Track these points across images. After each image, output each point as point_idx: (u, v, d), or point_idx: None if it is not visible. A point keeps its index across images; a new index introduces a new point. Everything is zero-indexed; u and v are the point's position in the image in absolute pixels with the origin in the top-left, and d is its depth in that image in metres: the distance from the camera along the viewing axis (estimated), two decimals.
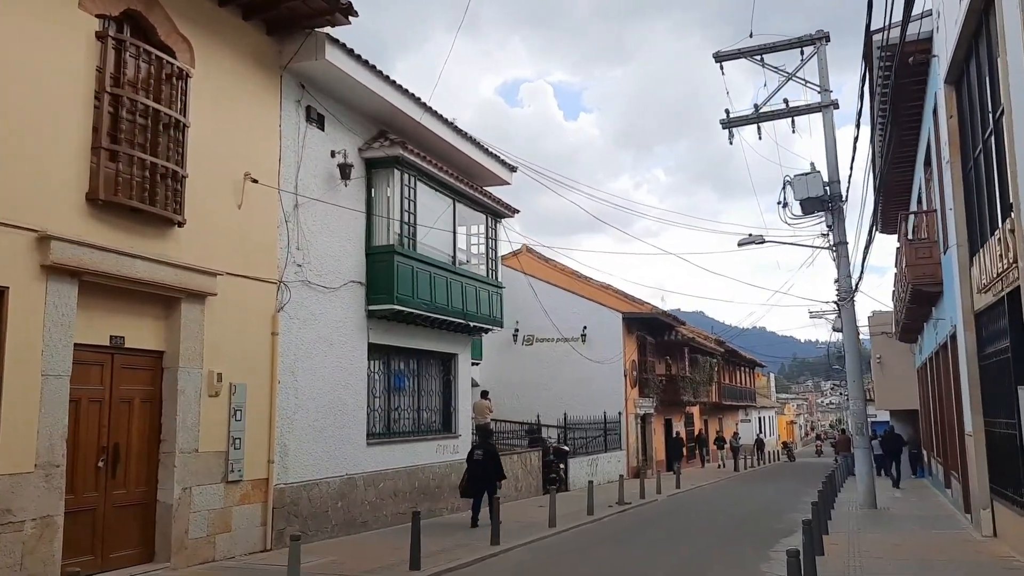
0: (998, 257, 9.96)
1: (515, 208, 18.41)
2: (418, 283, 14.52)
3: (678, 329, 33.36)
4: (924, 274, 15.66)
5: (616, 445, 28.35)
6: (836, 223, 17.94)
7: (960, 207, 12.62)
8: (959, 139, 12.64)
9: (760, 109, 19.01)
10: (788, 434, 76.18)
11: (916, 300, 16.69)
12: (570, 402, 28.30)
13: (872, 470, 17.31)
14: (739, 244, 18.78)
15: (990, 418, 11.86)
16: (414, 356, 15.85)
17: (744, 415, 53.79)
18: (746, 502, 20.55)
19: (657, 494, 21.83)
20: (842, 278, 17.68)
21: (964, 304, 12.49)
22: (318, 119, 12.97)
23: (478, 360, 29.44)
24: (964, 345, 12.66)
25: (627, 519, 16.50)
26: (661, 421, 33.55)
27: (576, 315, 29.86)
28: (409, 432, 15.44)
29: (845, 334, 17.65)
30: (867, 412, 18.49)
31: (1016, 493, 10.55)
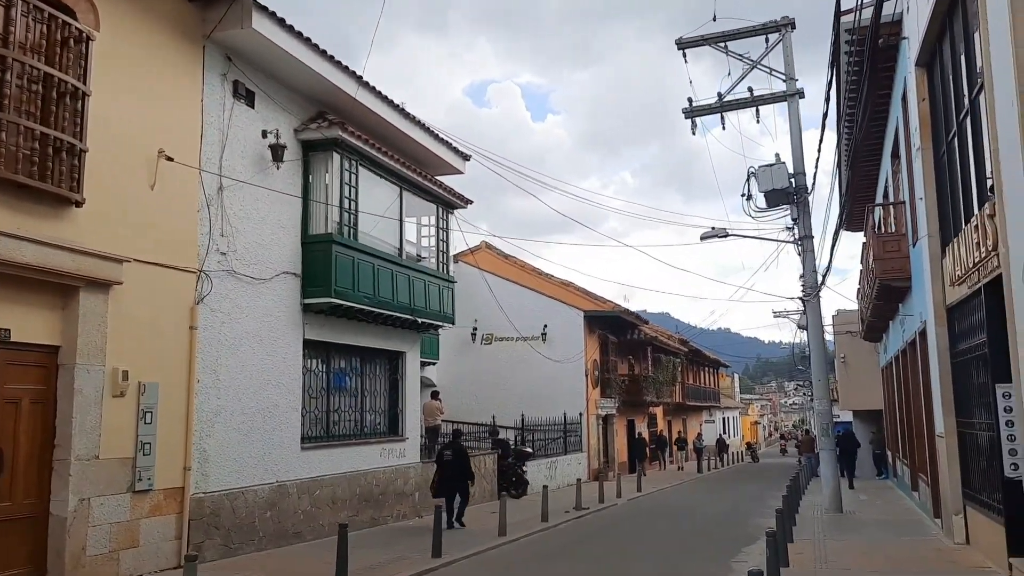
0: (974, 246, 9.26)
1: (468, 198, 17.49)
2: (359, 275, 13.53)
3: (641, 328, 32.66)
4: (892, 268, 15.02)
5: (577, 447, 27.54)
6: (801, 216, 17.28)
7: (931, 196, 11.95)
8: (931, 124, 11.98)
9: (724, 98, 18.29)
10: (752, 435, 76.13)
11: (883, 296, 16.07)
12: (530, 402, 27.45)
13: (837, 471, 16.66)
14: (702, 238, 18.05)
15: (963, 418, 11.19)
16: (357, 354, 14.85)
17: (708, 416, 53.41)
18: (708, 506, 19.83)
19: (617, 498, 21.05)
20: (807, 273, 17.01)
21: (935, 298, 11.82)
22: (247, 95, 11.93)
23: (434, 360, 28.52)
24: (935, 341, 11.99)
25: (583, 526, 15.65)
26: (624, 422, 32.83)
27: (536, 313, 29.03)
28: (351, 435, 14.43)
29: (810, 331, 16.98)
30: (832, 412, 17.84)
31: (991, 498, 9.86)
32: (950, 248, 10.81)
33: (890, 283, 15.16)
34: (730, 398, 65.83)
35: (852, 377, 30.59)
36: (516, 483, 20.74)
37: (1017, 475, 8.90)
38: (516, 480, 20.81)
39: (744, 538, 13.47)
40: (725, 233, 17.96)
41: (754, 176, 17.40)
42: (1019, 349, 7.69)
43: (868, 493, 21.82)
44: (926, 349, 13.57)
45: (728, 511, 18.47)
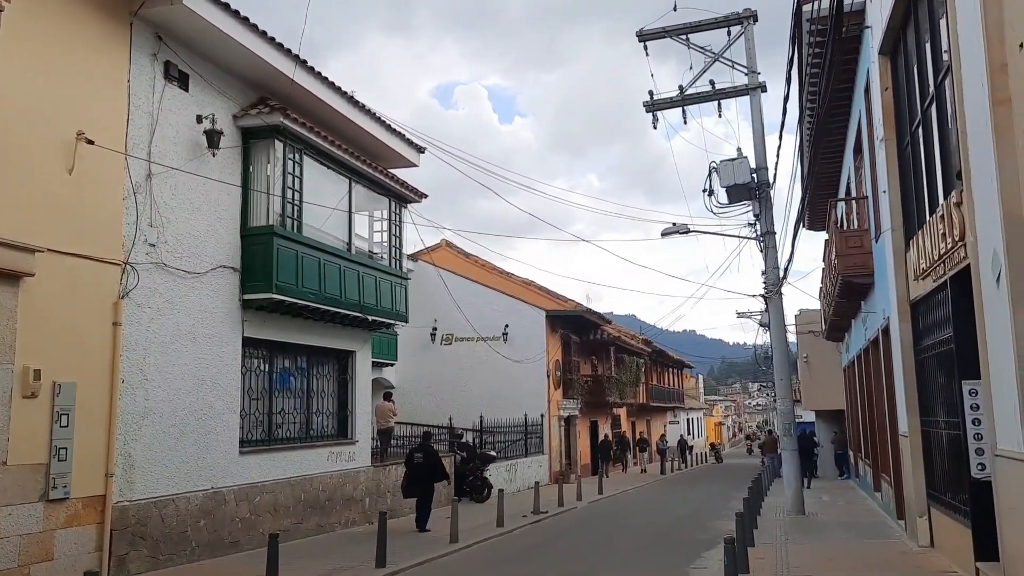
0: (939, 237, 8.89)
1: (422, 192, 16.86)
2: (303, 270, 12.86)
3: (604, 328, 32.26)
4: (855, 264, 14.71)
5: (538, 449, 27.02)
6: (763, 212, 16.94)
7: (895, 188, 11.61)
8: (894, 114, 11.64)
9: (685, 91, 17.90)
10: (716, 435, 76.31)
11: (846, 293, 15.77)
12: (491, 404, 26.89)
13: (800, 472, 16.33)
14: (663, 234, 17.64)
15: (927, 417, 10.85)
16: (303, 353, 14.16)
17: (672, 416, 53.23)
18: (669, 509, 19.42)
19: (577, 501, 20.57)
20: (769, 269, 16.67)
21: (899, 293, 11.48)
22: (180, 78, 11.21)
23: (392, 360, 27.84)
24: (898, 338, 11.65)
25: (539, 531, 15.11)
26: (586, 423, 32.39)
27: (497, 313, 28.49)
28: (295, 438, 13.74)
29: (772, 328, 16.65)
30: (794, 412, 17.53)
31: (956, 499, 9.51)
32: (914, 241, 10.46)
33: (852, 279, 14.85)
34: (694, 399, 65.83)
35: (815, 377, 30.48)
36: (480, 487, 20.15)
37: (984, 476, 8.53)
38: (480, 484, 20.22)
39: (705, 542, 13.04)
40: (687, 229, 17.56)
41: (716, 171, 17.04)
42: (988, 343, 7.31)
43: (830, 494, 21.60)
44: (889, 346, 13.26)
45: (689, 513, 18.07)
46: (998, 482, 7.20)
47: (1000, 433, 7.07)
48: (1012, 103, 6.33)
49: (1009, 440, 6.80)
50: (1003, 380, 6.87)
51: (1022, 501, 6.48)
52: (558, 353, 29.41)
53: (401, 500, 16.73)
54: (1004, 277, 6.50)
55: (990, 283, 7.05)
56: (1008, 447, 6.83)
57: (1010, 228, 6.35)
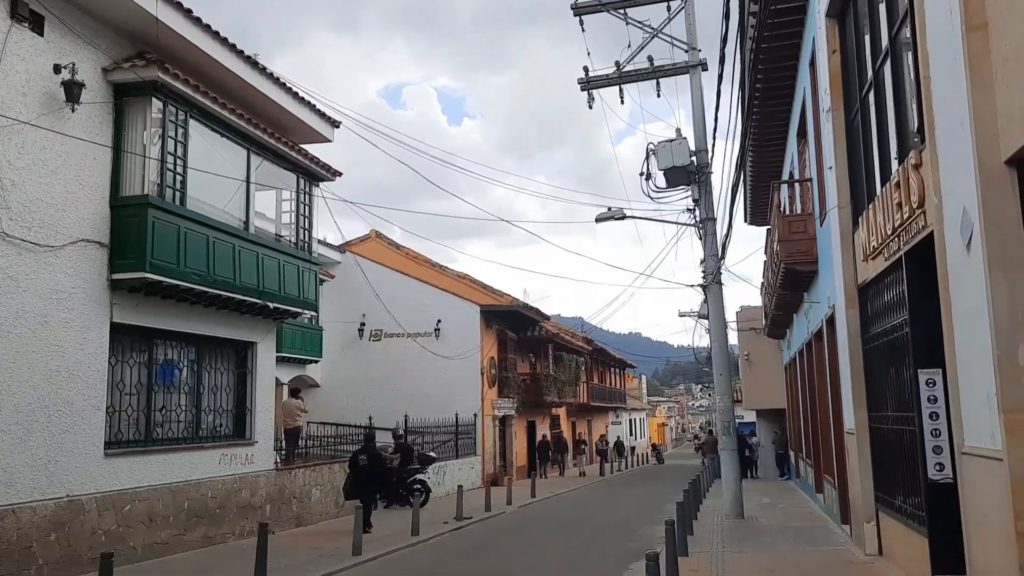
0: (894, 208, 7.85)
1: (335, 169, 15.43)
2: (187, 248, 11.34)
3: (542, 325, 31.09)
4: (798, 251, 13.75)
5: (470, 450, 25.71)
6: (703, 196, 15.91)
7: (842, 162, 10.62)
8: (842, 80, 10.64)
9: (622, 68, 16.79)
10: (659, 436, 75.99)
11: (788, 283, 14.82)
12: (422, 403, 25.48)
13: (739, 475, 15.32)
14: (598, 219, 16.49)
15: (876, 412, 9.84)
16: (192, 343, 12.62)
17: (615, 417, 52.42)
18: (603, 513, 18.29)
19: (507, 505, 19.30)
20: (708, 257, 15.64)
21: (846, 277, 10.47)
22: (33, 19, 9.62)
23: (316, 357, 26.24)
24: (845, 326, 10.65)
25: (456, 541, 13.79)
26: (523, 423, 31.18)
27: (430, 308, 27.11)
28: (181, 439, 12.19)
29: (711, 320, 15.62)
30: (735, 412, 16.53)
31: (910, 504, 8.49)
32: (864, 218, 9.44)
33: (795, 267, 13.88)
34: (637, 399, 65.20)
35: (756, 375, 29.79)
36: (419, 491, 18.70)
37: (943, 477, 7.51)
38: (420, 488, 18.76)
39: (634, 552, 11.86)
40: (622, 214, 16.45)
41: (654, 153, 15.96)
42: (954, 322, 6.24)
43: (770, 495, 20.73)
44: (834, 337, 12.30)
45: (623, 518, 16.96)
46: (965, 485, 6.13)
47: (968, 428, 6.00)
48: (989, 28, 5.25)
49: (979, 436, 5.73)
50: (972, 365, 5.80)
51: (996, 507, 5.40)
52: (494, 350, 28.14)
53: (310, 506, 15.28)
54: (978, 238, 5.42)
55: (957, 249, 5.98)
56: (978, 444, 5.76)
57: (986, 178, 5.27)
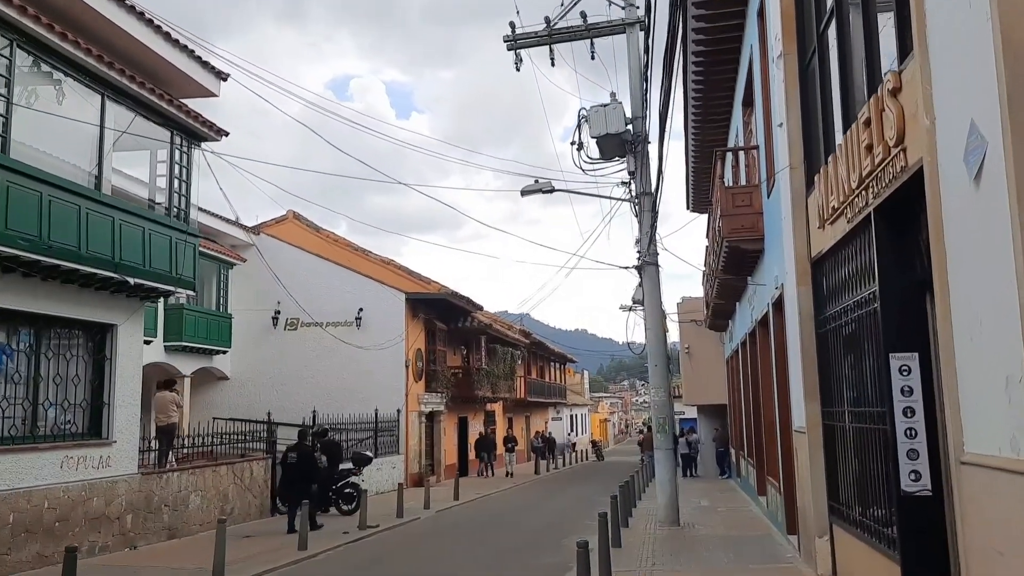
0: (862, 153, 6.28)
1: (221, 129, 13.41)
2: (9, 206, 9.27)
3: (474, 315, 29.29)
4: (742, 227, 12.22)
5: (392, 448, 23.82)
6: (640, 169, 14.31)
7: (795, 114, 9.08)
8: (796, 18, 9.10)
9: (553, 24, 15.09)
10: (602, 432, 74.87)
11: (732, 263, 13.30)
12: (342, 397, 23.59)
13: (675, 477, 13.76)
14: (523, 192, 14.78)
15: (832, 408, 8.31)
16: (27, 324, 10.54)
17: (555, 413, 50.99)
18: (531, 517, 16.62)
19: (424, 510, 17.52)
20: (644, 236, 14.06)
21: (797, 249, 8.94)
22: None
23: (224, 348, 24.07)
24: (795, 307, 9.10)
25: (351, 556, 11.94)
26: (454, 420, 29.37)
27: (351, 295, 25.14)
28: (7, 438, 10.10)
29: (647, 304, 14.02)
30: (674, 407, 14.98)
31: (874, 519, 6.96)
32: (820, 177, 7.87)
33: (740, 244, 12.35)
34: (579, 395, 63.92)
35: (696, 370, 28.53)
36: (349, 496, 16.69)
37: (920, 488, 5.97)
38: (350, 492, 16.75)
39: (555, 568, 10.23)
40: (550, 187, 14.76)
41: (586, 120, 14.31)
42: (951, 284, 4.65)
43: (709, 496, 19.33)
44: (782, 321, 10.79)
45: (548, 524, 15.31)
46: (966, 506, 4.55)
47: (971, 429, 4.41)
48: None
49: (988, 439, 4.14)
50: (980, 342, 4.22)
51: (1019, 540, 3.81)
52: (421, 342, 26.28)
53: (187, 515, 13.28)
54: (996, 163, 3.81)
55: (959, 185, 4.38)
56: (986, 451, 4.17)
57: (1014, 66, 3.65)
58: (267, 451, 16.58)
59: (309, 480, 14.08)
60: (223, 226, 24.48)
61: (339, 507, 16.42)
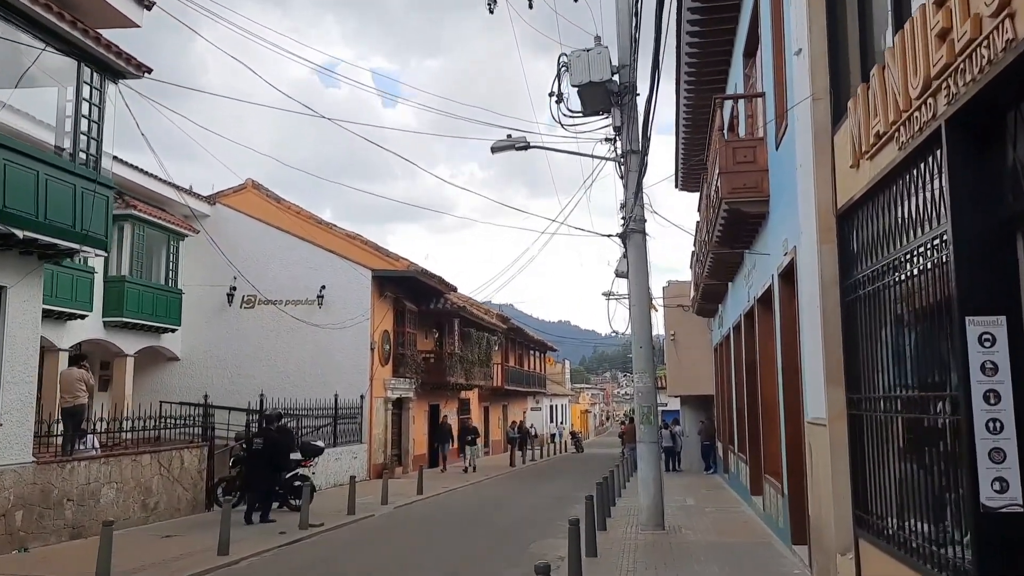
0: (933, 43, 4.60)
1: (142, 63, 11.54)
2: None
3: (447, 296, 27.50)
4: (744, 186, 10.53)
5: (354, 437, 22.07)
6: (627, 124, 12.59)
7: (819, 31, 7.37)
8: None
9: None
10: (583, 424, 73.38)
11: (730, 230, 11.60)
12: (302, 381, 21.88)
13: (660, 475, 12.09)
14: (493, 148, 13.02)
15: (860, 394, 6.64)
16: None
17: (535, 402, 49.35)
18: (495, 515, 14.92)
19: (383, 505, 15.82)
20: (630, 199, 12.34)
21: (819, 200, 7.24)
22: None
23: (174, 325, 22.19)
24: (814, 272, 7.41)
25: (281, 563, 10.17)
26: (424, 407, 27.60)
27: (313, 271, 23.32)
28: None
29: (631, 277, 12.30)
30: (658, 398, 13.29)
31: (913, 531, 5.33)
32: (857, 101, 6.18)
33: (741, 207, 10.66)
34: (559, 384, 62.30)
35: (682, 359, 26.87)
36: (298, 490, 14.80)
37: (1007, 503, 4.32)
38: (299, 486, 14.85)
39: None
40: (525, 143, 13.01)
41: (566, 67, 12.58)
42: None
43: (695, 495, 17.73)
44: (792, 294, 9.12)
45: (520, 522, 13.65)
46: None
47: None
48: None
49: None
50: None
51: None
52: (388, 323, 24.49)
53: (98, 511, 11.49)
54: None
55: None
56: None
57: None
58: (203, 438, 14.74)
59: (276, 469, 13.44)
60: (175, 194, 22.56)
61: (288, 503, 14.68)
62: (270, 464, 13.58)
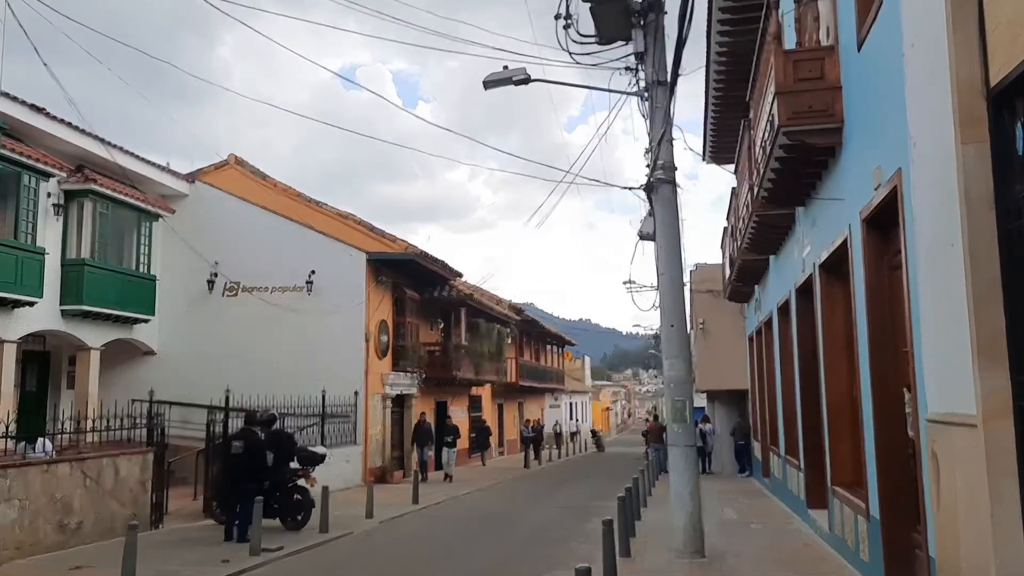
0: None
1: None
2: None
3: (451, 283, 25.05)
4: (810, 108, 7.99)
5: (348, 439, 19.71)
6: (653, 48, 10.06)
7: None
8: None
9: None
10: (603, 422, 70.77)
11: (789, 171, 9.04)
12: (290, 377, 19.40)
13: (697, 487, 9.52)
14: (486, 83, 10.54)
15: None
16: None
17: (553, 400, 46.85)
18: (497, 534, 12.46)
19: (367, 519, 13.47)
20: (656, 141, 9.80)
21: (959, 79, 4.70)
22: None
23: (147, 315, 19.95)
24: (956, 188, 4.84)
25: None
26: (429, 404, 25.15)
27: (301, 255, 21.02)
28: None
29: (659, 239, 9.71)
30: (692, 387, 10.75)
31: None
32: None
33: (805, 137, 8.11)
34: (579, 381, 59.73)
35: (712, 350, 24.28)
36: (297, 504, 12.43)
37: None
38: (299, 499, 12.48)
39: None
40: (525, 76, 10.52)
41: None
42: None
43: (734, 503, 15.18)
44: (886, 242, 6.58)
45: (527, 542, 11.20)
46: None
47: None
48: None
49: None
50: None
51: None
52: (386, 312, 22.12)
53: None
54: None
55: None
56: None
57: None
58: (148, 442, 12.39)
59: (257, 478, 11.57)
60: (150, 171, 20.39)
61: (284, 519, 12.27)
62: (251, 473, 11.57)
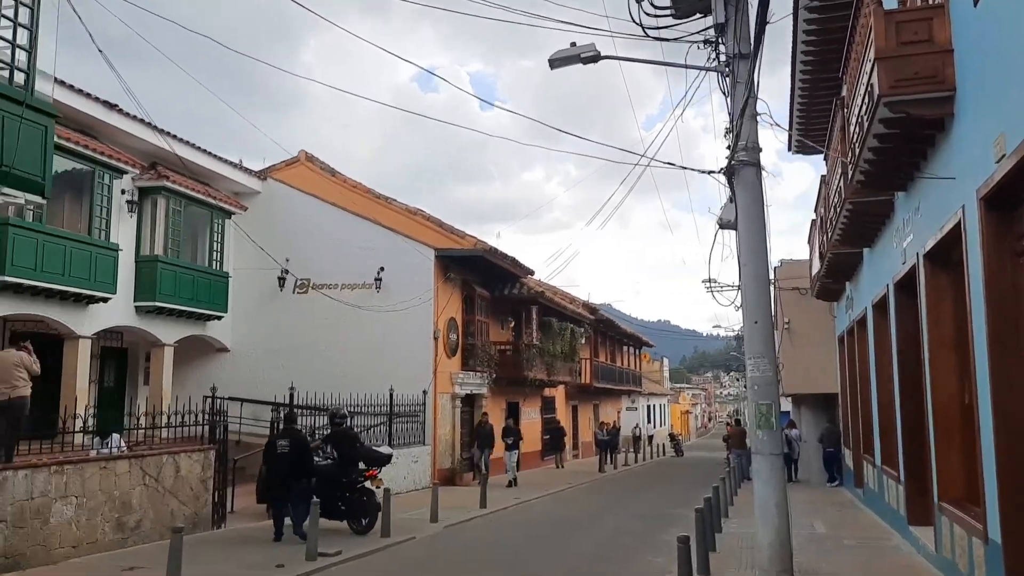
0: None
1: None
2: None
3: (522, 280, 24.41)
4: (917, 75, 7.03)
5: (415, 439, 19.29)
6: (736, 19, 9.17)
7: None
8: None
9: None
10: (683, 426, 69.03)
11: (891, 145, 8.06)
12: (359, 374, 19.14)
13: (785, 498, 8.60)
14: (552, 62, 9.84)
15: None
16: None
17: (630, 402, 45.74)
18: (565, 542, 11.71)
19: (432, 523, 12.95)
20: (738, 119, 8.92)
21: None
22: None
23: (220, 312, 19.94)
24: None
25: None
26: (500, 405, 24.57)
27: (369, 252, 20.71)
28: None
29: (742, 227, 8.79)
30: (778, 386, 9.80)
31: None
32: None
33: (910, 108, 7.15)
34: (657, 383, 58.33)
35: (798, 351, 22.93)
36: (364, 506, 11.84)
37: None
38: (365, 501, 11.87)
39: None
40: (594, 54, 9.76)
41: None
42: None
43: (825, 517, 14.06)
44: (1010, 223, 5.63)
45: (599, 552, 10.45)
46: None
47: None
48: None
49: None
50: None
51: None
52: (455, 310, 21.66)
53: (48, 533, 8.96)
54: None
55: None
56: None
57: None
58: (210, 439, 12.14)
59: (303, 476, 11.41)
60: (223, 168, 20.40)
61: (349, 521, 11.84)
62: (298, 471, 11.39)
